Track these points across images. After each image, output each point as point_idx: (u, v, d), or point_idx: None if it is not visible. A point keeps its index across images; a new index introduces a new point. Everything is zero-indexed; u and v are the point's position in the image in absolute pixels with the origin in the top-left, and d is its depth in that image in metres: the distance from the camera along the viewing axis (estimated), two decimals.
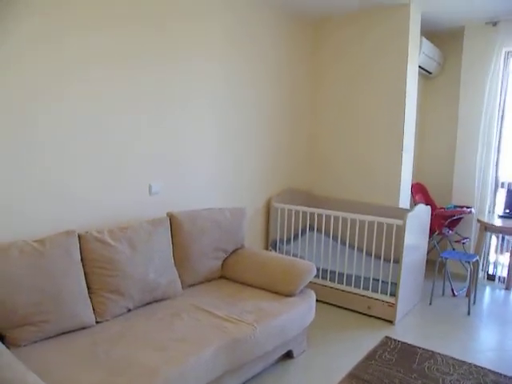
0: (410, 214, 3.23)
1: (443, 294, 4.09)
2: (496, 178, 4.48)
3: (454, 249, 4.43)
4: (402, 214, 3.77)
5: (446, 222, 4.26)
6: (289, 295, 2.69)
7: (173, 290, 2.60)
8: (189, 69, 3.10)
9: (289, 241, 4.08)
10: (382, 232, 3.49)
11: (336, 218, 3.76)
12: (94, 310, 2.22)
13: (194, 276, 2.83)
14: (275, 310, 2.48)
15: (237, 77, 3.53)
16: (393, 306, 3.32)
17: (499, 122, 4.41)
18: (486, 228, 3.86)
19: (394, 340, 3.06)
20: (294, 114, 4.27)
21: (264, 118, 3.88)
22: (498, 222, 3.85)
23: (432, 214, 4.12)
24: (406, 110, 3.83)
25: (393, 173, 3.96)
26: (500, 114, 4.40)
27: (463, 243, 4.30)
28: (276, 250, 4.01)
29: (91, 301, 2.23)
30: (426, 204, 4.41)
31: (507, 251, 4.53)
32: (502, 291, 4.30)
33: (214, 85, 3.32)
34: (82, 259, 2.25)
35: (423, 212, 3.59)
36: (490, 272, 4.59)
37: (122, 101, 2.66)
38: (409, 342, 3.03)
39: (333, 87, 4.31)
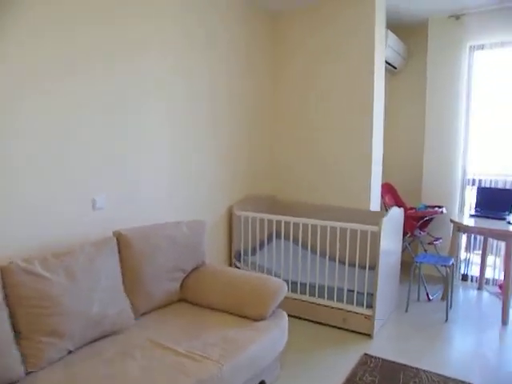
0: (384, 219, 2.99)
1: (418, 299, 3.90)
2: (464, 175, 4.35)
3: (425, 250, 4.26)
4: (374, 217, 3.56)
5: (418, 224, 4.07)
6: (259, 319, 2.37)
7: (123, 322, 2.22)
8: (139, 72, 2.71)
9: (254, 251, 3.76)
10: (355, 238, 3.23)
11: (305, 226, 3.47)
12: (25, 358, 1.81)
13: (149, 302, 2.46)
14: (244, 339, 2.15)
15: (191, 79, 3.17)
16: (369, 318, 3.07)
17: (466, 118, 4.28)
18: (460, 229, 3.69)
19: (374, 357, 2.80)
20: (254, 115, 3.95)
21: (221, 122, 3.54)
22: (470, 222, 3.69)
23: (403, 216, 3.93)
24: (374, 107, 3.60)
25: (362, 174, 3.72)
26: (466, 110, 4.27)
27: (435, 244, 4.14)
28: (240, 262, 3.68)
29: (21, 348, 1.82)
30: (396, 205, 4.22)
31: (478, 249, 4.41)
32: (475, 291, 4.17)
33: (166, 88, 2.95)
34: (5, 297, 1.83)
35: (397, 215, 3.38)
36: (462, 271, 4.45)
37: (62, 103, 2.26)
38: (390, 359, 2.79)
39: (295, 85, 4.02)
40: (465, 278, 4.43)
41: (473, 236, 4.27)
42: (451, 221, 3.77)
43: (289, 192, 4.18)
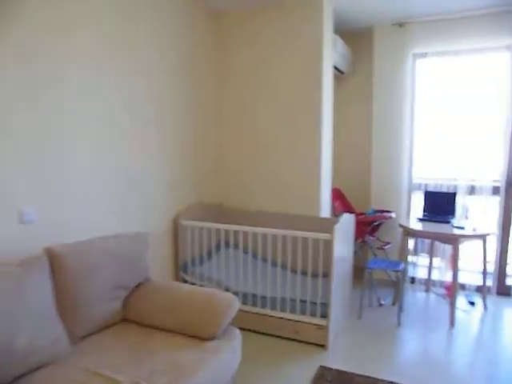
0: (337, 227, 2.92)
1: (370, 304, 3.89)
2: (411, 179, 4.42)
3: (375, 255, 4.27)
4: (325, 224, 3.51)
5: (368, 229, 4.07)
6: (209, 338, 2.20)
7: (58, 351, 1.96)
8: (72, 71, 2.46)
9: (202, 262, 3.58)
10: (307, 247, 3.15)
11: (255, 235, 3.34)
12: None
13: (88, 325, 2.21)
14: (195, 363, 1.96)
15: (129, 78, 2.95)
16: (324, 328, 2.98)
17: (411, 123, 4.36)
18: (409, 233, 3.72)
19: (330, 369, 2.71)
20: (199, 120, 3.78)
21: (164, 127, 3.34)
22: (418, 226, 3.73)
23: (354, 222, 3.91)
24: (323, 112, 3.56)
25: (312, 179, 3.66)
26: (411, 115, 4.35)
27: (385, 249, 4.16)
28: (188, 274, 3.49)
29: None
30: (346, 211, 4.20)
31: (424, 252, 4.49)
32: (423, 294, 4.23)
33: (102, 89, 2.70)
34: None
35: (348, 221, 3.33)
36: (411, 274, 4.51)
37: None
38: (346, 370, 2.71)
39: (242, 88, 3.91)
40: (413, 280, 4.49)
41: (420, 239, 4.33)
42: (400, 225, 3.80)
43: (237, 200, 4.05)
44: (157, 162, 3.24)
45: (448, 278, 4.31)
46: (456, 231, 3.47)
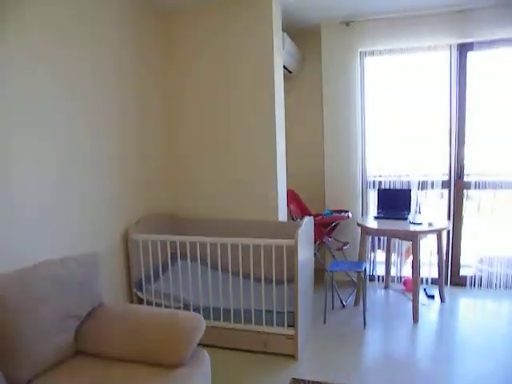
0: (300, 231, 2.82)
1: (333, 307, 3.83)
2: (365, 177, 4.43)
3: (334, 256, 4.23)
4: (284, 229, 3.41)
5: (326, 230, 4.02)
6: (176, 366, 2.00)
7: None
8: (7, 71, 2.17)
9: (157, 277, 3.34)
10: (269, 254, 3.02)
11: (213, 245, 3.16)
12: None
13: (34, 365, 1.93)
14: None
15: (68, 79, 2.67)
16: (292, 337, 2.87)
17: (361, 121, 4.36)
18: (368, 232, 3.70)
19: (303, 381, 2.60)
20: (148, 124, 3.54)
21: (110, 133, 3.08)
22: (374, 224, 3.73)
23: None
24: (275, 112, 3.45)
25: (268, 183, 3.54)
26: (361, 113, 4.36)
27: (344, 250, 4.12)
28: (143, 292, 3.25)
29: None
30: (302, 213, 4.13)
31: (380, 249, 4.52)
32: (383, 291, 4.25)
33: (38, 89, 2.42)
34: None
35: (309, 225, 3.24)
36: (369, 272, 4.53)
37: None
38: (319, 380, 2.61)
39: (193, 90, 3.71)
40: (371, 278, 4.51)
41: (377, 237, 4.35)
42: (358, 224, 3.77)
43: (192, 208, 3.84)
44: (102, 175, 2.98)
45: (406, 273, 4.37)
46: (414, 227, 3.49)
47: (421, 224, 3.57)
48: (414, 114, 4.17)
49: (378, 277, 4.48)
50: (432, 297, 3.94)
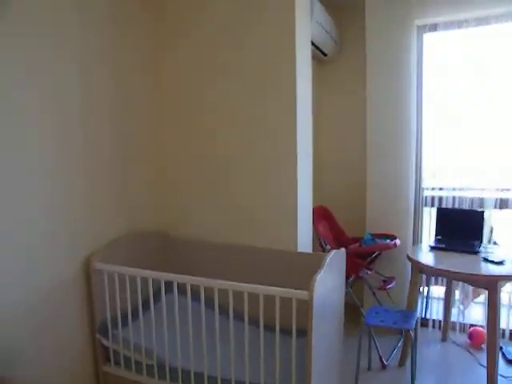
0: (318, 279, 1.85)
1: (369, 367, 2.83)
2: (418, 191, 3.38)
3: (374, 294, 3.20)
4: (304, 261, 2.46)
5: (366, 262, 3.01)
6: None
7: None
8: None
9: (126, 322, 2.45)
10: (276, 304, 2.06)
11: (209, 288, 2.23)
12: None
13: None
14: None
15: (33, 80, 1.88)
16: None
17: (418, 119, 3.32)
18: (423, 271, 2.67)
19: None
20: (130, 123, 2.70)
21: (73, 132, 2.27)
22: (430, 259, 2.69)
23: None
24: (297, 106, 2.49)
25: (285, 199, 2.58)
26: (418, 108, 3.31)
27: (387, 289, 3.08)
28: (108, 338, 2.40)
29: None
30: (334, 236, 3.16)
31: (437, 284, 3.46)
32: (439, 345, 3.17)
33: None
34: None
35: (338, 260, 2.27)
36: (421, 314, 3.47)
37: None
38: None
39: (190, 82, 2.80)
40: (424, 322, 3.44)
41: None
42: (409, 258, 2.74)
43: (185, 226, 2.95)
44: (61, 184, 2.16)
45: (473, 319, 3.28)
46: (493, 268, 2.42)
47: (502, 263, 2.49)
48: (492, 110, 3.07)
49: (434, 321, 3.41)
50: None
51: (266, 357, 2.04)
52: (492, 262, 2.53)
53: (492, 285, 2.34)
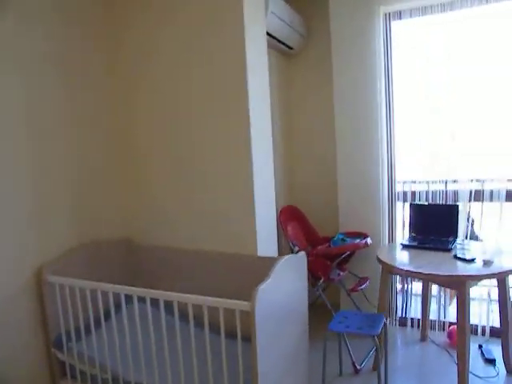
0: (261, 289, 1.74)
1: (341, 372, 2.71)
2: (391, 185, 3.24)
3: (349, 295, 3.09)
4: (262, 267, 2.34)
5: (335, 263, 2.89)
6: None
7: None
8: None
9: (79, 335, 2.34)
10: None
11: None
12: None
13: None
14: None
15: None
16: None
17: (388, 110, 3.18)
18: (393, 272, 2.55)
19: None
20: (86, 133, 2.58)
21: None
22: (402, 259, 2.57)
23: (311, 254, 2.75)
24: (248, 101, 2.36)
25: (241, 203, 2.47)
26: (387, 98, 3.18)
27: (359, 290, 2.95)
28: (63, 352, 2.30)
29: None
30: (304, 236, 3.04)
31: (415, 281, 3.33)
32: (418, 345, 3.05)
33: None
34: None
35: (295, 265, 2.15)
36: (399, 313, 3.35)
37: None
38: None
39: (146, 80, 2.70)
40: (403, 322, 3.32)
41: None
42: (378, 260, 2.60)
43: (150, 231, 2.84)
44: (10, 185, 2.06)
45: (452, 317, 3.16)
46: (463, 268, 2.29)
47: (473, 261, 2.36)
48: (464, 98, 2.93)
49: (412, 320, 3.29)
50: (492, 361, 2.71)
51: (216, 364, 1.93)
52: (463, 259, 2.40)
53: (459, 285, 2.21)
